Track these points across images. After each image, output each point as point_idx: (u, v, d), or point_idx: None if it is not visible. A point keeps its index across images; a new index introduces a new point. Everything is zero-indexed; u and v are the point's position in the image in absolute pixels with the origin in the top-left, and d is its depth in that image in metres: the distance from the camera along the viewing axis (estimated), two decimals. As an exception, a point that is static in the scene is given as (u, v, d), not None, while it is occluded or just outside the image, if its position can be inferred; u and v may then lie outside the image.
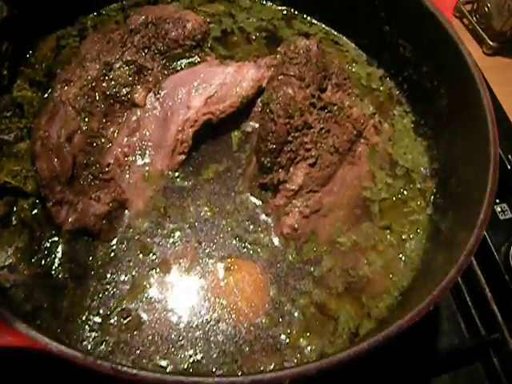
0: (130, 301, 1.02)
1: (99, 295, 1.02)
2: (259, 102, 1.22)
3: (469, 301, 1.31)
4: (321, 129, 1.13)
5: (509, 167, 1.45)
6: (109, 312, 1.01)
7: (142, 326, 1.00)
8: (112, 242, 1.08)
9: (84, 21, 1.38)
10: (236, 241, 1.10)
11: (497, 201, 1.41)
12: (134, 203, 1.11)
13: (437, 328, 1.28)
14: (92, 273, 1.04)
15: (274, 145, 1.09)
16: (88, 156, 1.09)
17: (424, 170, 1.24)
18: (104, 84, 1.15)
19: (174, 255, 1.08)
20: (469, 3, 1.92)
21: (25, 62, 1.27)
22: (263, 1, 1.48)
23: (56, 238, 1.07)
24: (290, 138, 1.10)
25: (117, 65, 1.18)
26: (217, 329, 1.01)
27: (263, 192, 1.15)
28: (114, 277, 1.04)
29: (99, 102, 1.14)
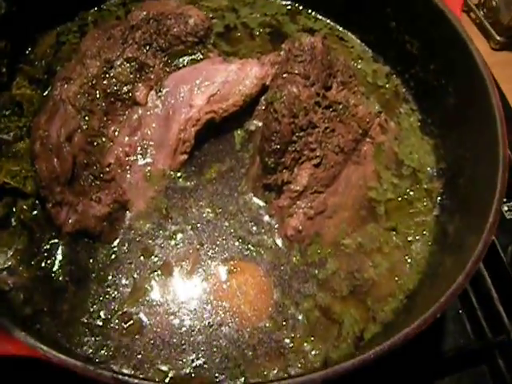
0: (132, 304, 1.01)
1: (100, 298, 1.01)
2: (263, 101, 1.19)
3: (474, 302, 1.29)
4: (326, 128, 1.11)
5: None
6: (110, 316, 0.99)
7: (144, 330, 0.99)
8: (113, 244, 1.06)
9: (84, 16, 1.35)
10: (239, 243, 1.09)
11: (504, 200, 1.38)
12: (135, 204, 1.10)
13: (442, 329, 1.26)
14: (93, 275, 1.03)
15: (278, 145, 1.07)
16: (88, 156, 1.08)
17: (431, 170, 1.22)
18: (105, 82, 1.14)
19: (176, 257, 1.06)
20: (476, -3, 1.89)
21: (24, 59, 1.25)
22: (267, -5, 1.46)
23: (56, 240, 1.05)
24: (295, 138, 1.08)
25: (118, 62, 1.16)
26: (219, 333, 1.00)
27: (267, 193, 1.13)
28: (115, 279, 1.03)
29: (100, 100, 1.12)
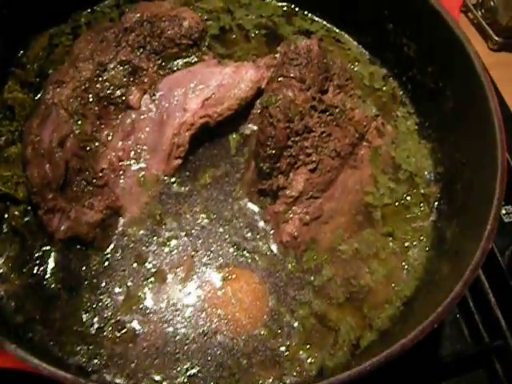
0: (125, 312, 0.99)
1: (93, 306, 1.00)
2: (258, 104, 1.18)
3: (472, 306, 1.28)
4: (322, 132, 1.09)
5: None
6: (103, 324, 0.98)
7: (137, 339, 0.97)
8: (106, 251, 1.05)
9: (77, 18, 1.33)
10: (234, 249, 1.07)
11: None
12: (129, 210, 1.09)
13: (439, 334, 1.25)
14: (85, 283, 1.02)
15: (274, 150, 1.05)
16: (81, 161, 1.07)
17: (428, 175, 1.20)
18: (97, 85, 1.12)
19: (170, 264, 1.05)
20: (474, -3, 1.87)
21: (16, 62, 1.23)
22: (262, -4, 1.44)
23: (48, 247, 1.04)
24: (290, 143, 1.07)
25: (111, 65, 1.14)
26: (214, 341, 0.98)
27: (262, 198, 1.11)
28: (108, 287, 1.02)
29: (92, 104, 1.11)
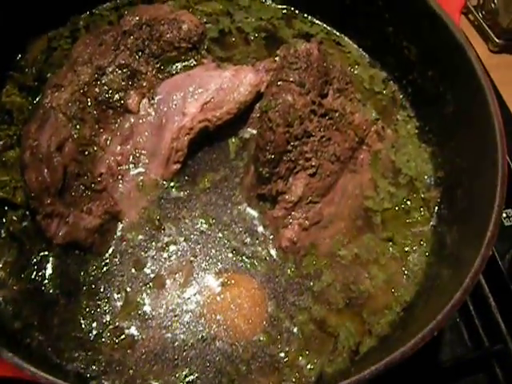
0: (123, 318, 0.99)
1: (91, 312, 0.99)
2: (257, 108, 1.17)
3: (472, 310, 1.28)
4: (321, 137, 1.09)
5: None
6: (101, 330, 0.98)
7: (136, 345, 0.97)
8: (104, 256, 1.05)
9: (76, 21, 1.33)
10: (233, 254, 1.07)
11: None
12: (127, 215, 1.08)
13: (439, 338, 1.25)
14: (84, 288, 1.01)
15: (273, 155, 1.05)
16: (79, 165, 1.06)
17: (428, 179, 1.19)
18: (96, 89, 1.12)
19: (169, 269, 1.04)
20: (475, -2, 1.87)
21: (14, 66, 1.23)
22: (262, -1, 1.43)
23: (46, 252, 1.04)
24: (290, 148, 1.06)
25: (109, 69, 1.14)
26: (213, 347, 0.98)
27: (261, 203, 1.11)
28: (107, 292, 1.01)
29: (91, 108, 1.11)
